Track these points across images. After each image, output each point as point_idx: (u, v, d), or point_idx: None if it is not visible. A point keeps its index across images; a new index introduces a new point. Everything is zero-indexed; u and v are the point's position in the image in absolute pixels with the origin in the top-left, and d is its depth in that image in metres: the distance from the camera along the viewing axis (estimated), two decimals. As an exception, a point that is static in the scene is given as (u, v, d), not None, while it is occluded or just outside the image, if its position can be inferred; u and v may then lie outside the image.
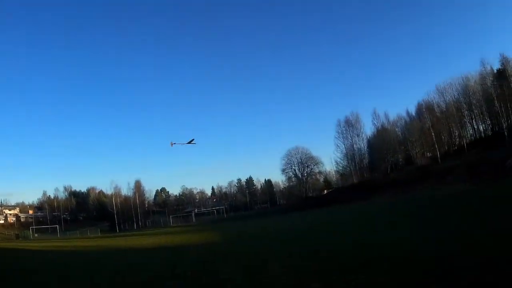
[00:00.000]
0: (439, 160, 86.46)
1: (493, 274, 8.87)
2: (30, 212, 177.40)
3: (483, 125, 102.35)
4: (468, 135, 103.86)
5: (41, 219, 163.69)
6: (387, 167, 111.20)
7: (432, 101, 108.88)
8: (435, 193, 60.49)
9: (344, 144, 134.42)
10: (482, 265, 9.74)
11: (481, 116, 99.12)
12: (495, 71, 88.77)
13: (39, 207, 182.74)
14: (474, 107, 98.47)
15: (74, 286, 15.41)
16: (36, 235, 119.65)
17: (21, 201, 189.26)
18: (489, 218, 19.09)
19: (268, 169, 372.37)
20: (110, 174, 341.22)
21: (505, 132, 73.77)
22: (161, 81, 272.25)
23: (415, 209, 39.77)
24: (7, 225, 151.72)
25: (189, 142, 72.93)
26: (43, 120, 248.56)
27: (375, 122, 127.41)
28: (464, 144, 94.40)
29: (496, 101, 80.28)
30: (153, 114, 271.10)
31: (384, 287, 9.26)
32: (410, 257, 12.33)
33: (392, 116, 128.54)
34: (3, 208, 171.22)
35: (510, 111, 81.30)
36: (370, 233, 22.16)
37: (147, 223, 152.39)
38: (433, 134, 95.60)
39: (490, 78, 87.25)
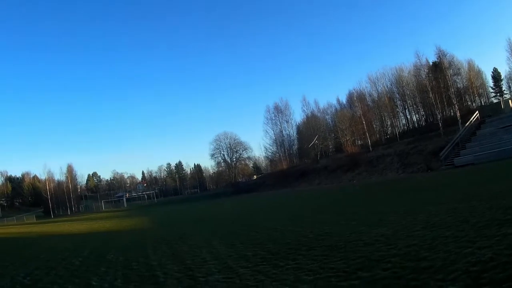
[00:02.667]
0: (370, 149, 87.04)
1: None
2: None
3: (417, 115, 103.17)
4: (401, 124, 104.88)
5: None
6: (317, 154, 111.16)
7: (364, 90, 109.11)
8: (363, 182, 63.43)
9: (273, 130, 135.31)
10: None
11: (415, 106, 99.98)
12: (431, 63, 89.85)
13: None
14: (407, 98, 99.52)
15: (10, 272, 15.28)
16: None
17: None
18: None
19: (198, 154, 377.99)
20: (44, 158, 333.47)
21: (440, 123, 74.78)
22: (95, 63, 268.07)
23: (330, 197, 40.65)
24: None
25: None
26: None
27: (305, 109, 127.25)
28: (396, 134, 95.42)
29: (430, 93, 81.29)
30: (82, 95, 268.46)
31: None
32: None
33: (322, 104, 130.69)
34: None
35: (445, 103, 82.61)
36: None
37: (80, 208, 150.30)
38: (364, 122, 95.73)
39: (425, 70, 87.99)
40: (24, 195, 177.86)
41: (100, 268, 13.76)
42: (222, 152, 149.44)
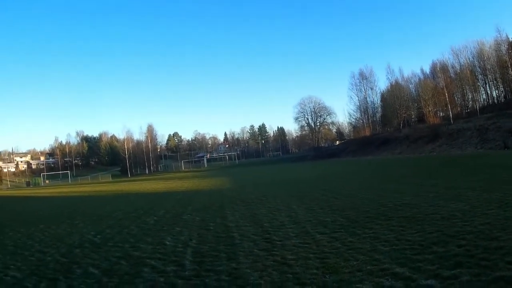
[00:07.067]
0: (451, 121, 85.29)
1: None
2: (42, 158, 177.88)
3: (496, 91, 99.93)
4: (481, 99, 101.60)
5: (52, 165, 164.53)
6: (400, 122, 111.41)
7: (447, 61, 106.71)
8: (443, 154, 63.40)
9: (358, 96, 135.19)
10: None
11: (495, 82, 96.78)
12: (511, 39, 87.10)
13: (50, 153, 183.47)
14: (488, 72, 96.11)
15: (80, 230, 15.88)
16: (47, 181, 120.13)
17: (33, 148, 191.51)
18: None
19: (282, 117, 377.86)
20: (123, 119, 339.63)
21: (519, 100, 72.75)
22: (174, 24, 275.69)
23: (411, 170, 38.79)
24: (18, 173, 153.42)
25: None
26: (54, 65, 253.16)
27: (389, 77, 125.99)
28: (476, 108, 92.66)
29: (510, 69, 79.04)
30: (164, 55, 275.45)
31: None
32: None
33: (406, 73, 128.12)
34: (14, 155, 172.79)
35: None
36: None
37: (159, 167, 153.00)
38: (446, 94, 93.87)
39: (505, 46, 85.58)
40: (101, 155, 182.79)
41: (175, 228, 14.14)
42: (306, 116, 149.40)
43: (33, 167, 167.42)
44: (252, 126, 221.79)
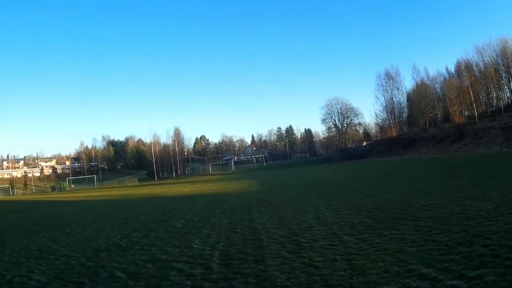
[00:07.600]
0: (477, 120, 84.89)
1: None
2: (67, 163, 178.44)
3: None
4: (505, 97, 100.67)
5: (78, 169, 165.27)
6: (426, 122, 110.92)
7: (471, 60, 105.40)
8: (468, 153, 63.57)
9: (384, 97, 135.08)
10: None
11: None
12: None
13: (76, 158, 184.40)
14: (511, 70, 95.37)
15: (106, 234, 16.01)
16: (72, 186, 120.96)
17: (58, 153, 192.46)
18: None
19: (308, 119, 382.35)
20: (149, 122, 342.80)
21: (542, 98, 72.32)
22: (201, 26, 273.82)
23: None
24: (42, 178, 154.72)
25: None
26: (78, 70, 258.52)
27: (415, 77, 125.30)
28: (501, 106, 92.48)
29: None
30: (191, 59, 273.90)
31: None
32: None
33: (432, 72, 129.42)
34: (38, 160, 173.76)
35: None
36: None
37: (186, 171, 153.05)
38: (471, 93, 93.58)
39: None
40: (127, 158, 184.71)
41: (202, 231, 14.18)
42: (333, 117, 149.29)
43: (58, 171, 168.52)
44: (279, 128, 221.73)
